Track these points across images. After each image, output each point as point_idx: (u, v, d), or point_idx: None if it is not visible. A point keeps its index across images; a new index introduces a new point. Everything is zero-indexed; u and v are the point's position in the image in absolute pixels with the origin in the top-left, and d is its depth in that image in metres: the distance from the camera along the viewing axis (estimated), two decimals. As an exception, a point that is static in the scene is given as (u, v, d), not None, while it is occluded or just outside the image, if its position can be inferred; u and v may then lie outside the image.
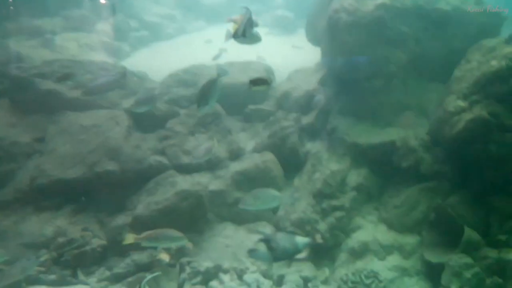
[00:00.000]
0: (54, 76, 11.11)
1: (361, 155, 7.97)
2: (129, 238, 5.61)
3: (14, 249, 7.16)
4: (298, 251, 4.46)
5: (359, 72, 8.43)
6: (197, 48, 17.17)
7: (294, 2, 20.25)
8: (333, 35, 8.74)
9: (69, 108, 10.14)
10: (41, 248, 7.28)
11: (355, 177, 7.77)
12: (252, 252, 4.26)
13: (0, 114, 10.43)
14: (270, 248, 4.18)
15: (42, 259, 6.67)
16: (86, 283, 6.81)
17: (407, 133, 7.85)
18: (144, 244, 5.73)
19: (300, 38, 16.07)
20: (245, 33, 5.29)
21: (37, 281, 6.78)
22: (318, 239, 4.74)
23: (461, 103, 7.02)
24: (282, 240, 4.28)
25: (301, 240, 4.38)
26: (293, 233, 4.39)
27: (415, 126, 8.07)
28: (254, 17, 5.77)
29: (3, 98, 10.64)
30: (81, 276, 6.90)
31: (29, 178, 8.68)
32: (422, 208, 7.14)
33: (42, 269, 6.83)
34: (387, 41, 8.44)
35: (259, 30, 6.50)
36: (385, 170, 7.82)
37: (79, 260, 7.09)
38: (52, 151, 8.97)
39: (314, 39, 12.45)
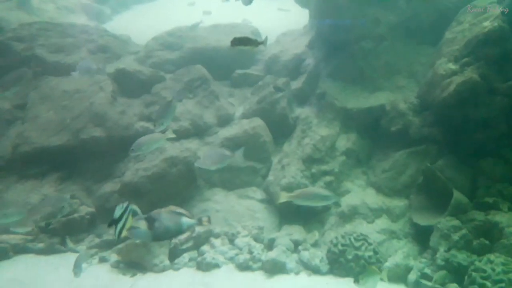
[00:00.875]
0: (33, 39, 10.67)
1: (350, 120, 7.93)
2: (283, 197, 5.79)
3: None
4: (181, 231, 4.49)
5: (349, 33, 8.24)
6: (180, 10, 16.62)
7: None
8: (323, -5, 8.48)
9: (50, 73, 9.78)
10: (28, 217, 7.17)
11: (344, 142, 7.75)
12: (131, 230, 4.24)
13: (-23, 80, 10.02)
14: (152, 227, 4.14)
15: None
16: (75, 251, 6.77)
17: (396, 97, 7.81)
18: (297, 202, 5.83)
19: (286, 0, 15.66)
20: None
21: (25, 250, 6.72)
22: (205, 222, 4.78)
23: (452, 66, 6.94)
24: (167, 219, 4.25)
25: (186, 221, 4.35)
26: (180, 214, 4.35)
27: (405, 89, 8.03)
28: None
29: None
30: (70, 244, 6.86)
31: (11, 146, 8.43)
32: (410, 171, 7.18)
33: (30, 237, 6.75)
34: (377, 1, 8.23)
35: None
36: (374, 134, 7.82)
37: (67, 228, 7.03)
38: (34, 118, 8.70)
39: (302, 1, 12.07)
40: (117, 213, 3.79)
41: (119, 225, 3.79)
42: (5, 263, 6.32)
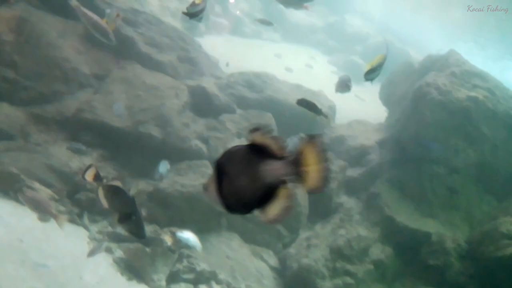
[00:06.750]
0: (136, 26, 11.29)
1: (392, 233, 7.67)
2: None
3: (39, 166, 7.11)
4: None
5: (426, 152, 8.19)
6: (266, 57, 17.30)
7: (371, 54, 20.26)
8: (415, 106, 8.57)
9: (138, 61, 10.22)
10: (63, 177, 7.22)
11: (378, 251, 7.46)
12: None
13: (72, 38, 10.56)
14: None
15: None
16: (87, 229, 6.69)
17: (446, 232, 7.53)
18: None
19: (365, 90, 15.95)
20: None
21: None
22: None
23: (517, 230, 6.70)
24: None
25: None
26: None
27: (456, 228, 7.75)
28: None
29: (79, 24, 10.77)
30: (85, 220, 6.80)
31: (76, 108, 8.70)
32: (431, 313, 6.78)
33: (56, 196, 6.76)
34: (464, 135, 8.21)
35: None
36: (410, 257, 7.50)
37: (89, 204, 7.00)
38: (107, 94, 8.99)
39: (386, 99, 12.29)
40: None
41: None
42: (27, 209, 6.25)
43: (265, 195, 1.73)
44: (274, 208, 1.73)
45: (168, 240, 6.93)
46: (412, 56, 18.18)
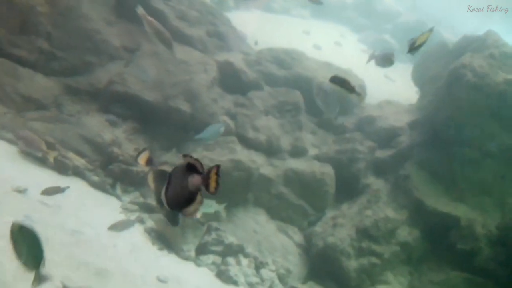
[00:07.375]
0: (166, -1, 11.22)
1: (420, 215, 7.59)
2: None
3: (73, 136, 7.28)
4: None
5: (459, 136, 7.98)
6: (294, 34, 16.99)
7: (402, 33, 19.69)
8: (450, 88, 8.31)
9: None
10: (96, 147, 7.39)
11: (405, 233, 7.41)
12: None
13: (103, 9, 10.59)
14: None
15: None
16: (120, 199, 6.87)
17: (476, 217, 7.41)
18: None
19: (395, 70, 15.57)
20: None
21: (81, 175, 6.88)
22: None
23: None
24: None
25: None
26: None
27: (487, 214, 7.58)
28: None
29: (112, -5, 10.76)
30: (118, 190, 6.97)
31: (107, 80, 8.80)
32: (458, 297, 6.75)
33: (90, 167, 6.93)
34: (499, 119, 7.95)
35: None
36: (437, 241, 7.43)
37: (122, 175, 7.16)
38: (138, 67, 9.04)
39: (419, 80, 11.98)
40: None
41: None
42: (62, 178, 6.48)
43: (190, 198, 2.41)
44: (192, 208, 2.43)
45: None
46: (444, 36, 17.58)
